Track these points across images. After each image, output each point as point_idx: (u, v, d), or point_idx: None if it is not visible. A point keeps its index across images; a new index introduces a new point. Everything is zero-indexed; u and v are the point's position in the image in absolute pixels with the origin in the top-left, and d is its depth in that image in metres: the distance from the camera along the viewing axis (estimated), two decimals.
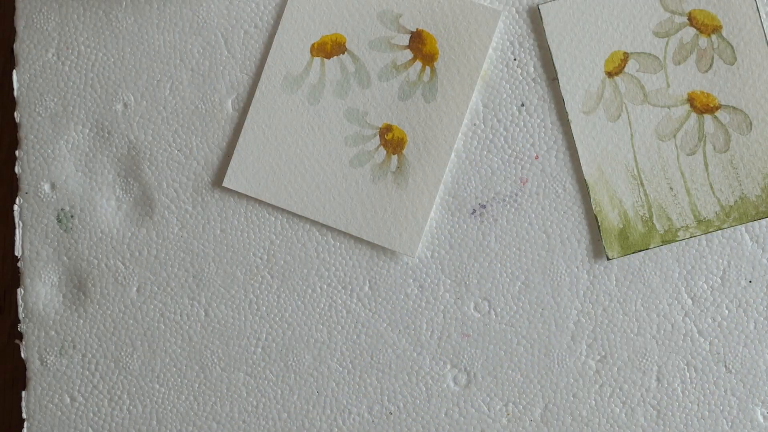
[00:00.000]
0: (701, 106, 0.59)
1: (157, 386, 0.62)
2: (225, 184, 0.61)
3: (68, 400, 0.62)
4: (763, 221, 0.60)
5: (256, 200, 0.61)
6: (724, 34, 0.59)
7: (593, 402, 0.61)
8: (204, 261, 0.61)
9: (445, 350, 0.61)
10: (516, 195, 0.60)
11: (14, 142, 0.69)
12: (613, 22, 0.59)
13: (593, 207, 0.60)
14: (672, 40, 0.59)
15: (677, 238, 0.59)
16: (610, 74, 0.59)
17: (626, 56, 0.59)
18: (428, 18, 0.60)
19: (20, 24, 0.62)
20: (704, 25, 0.59)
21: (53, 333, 0.62)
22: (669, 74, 0.59)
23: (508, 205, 0.60)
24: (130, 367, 0.62)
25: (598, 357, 0.60)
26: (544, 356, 0.61)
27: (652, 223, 0.59)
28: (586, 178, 0.60)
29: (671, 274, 0.60)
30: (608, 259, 0.60)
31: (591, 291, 0.60)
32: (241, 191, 0.61)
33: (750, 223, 0.60)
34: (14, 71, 0.62)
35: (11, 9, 0.68)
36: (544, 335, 0.61)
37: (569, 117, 0.60)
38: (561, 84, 0.59)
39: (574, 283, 0.60)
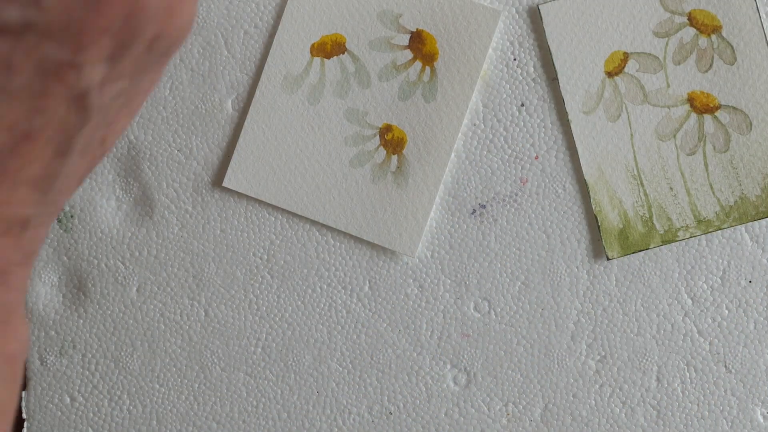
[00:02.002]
0: (701, 106, 0.59)
1: (157, 386, 0.62)
2: (225, 184, 0.61)
3: (68, 400, 0.62)
4: (763, 221, 0.60)
5: (256, 200, 0.61)
6: (724, 34, 0.59)
7: (593, 402, 0.61)
8: (204, 261, 0.61)
9: (445, 350, 0.61)
10: (516, 195, 0.60)
11: None
12: (613, 22, 0.59)
13: (593, 207, 0.60)
14: (672, 40, 0.59)
15: (677, 238, 0.59)
16: (610, 74, 0.59)
17: (626, 56, 0.59)
18: (428, 18, 0.60)
19: None
20: (704, 25, 0.59)
21: (53, 333, 0.62)
22: (669, 74, 0.59)
23: (508, 205, 0.60)
24: (130, 367, 0.62)
25: (598, 357, 0.60)
26: (544, 356, 0.61)
27: (652, 223, 0.59)
28: (586, 178, 0.60)
29: (671, 274, 0.60)
30: (608, 259, 0.60)
31: (591, 291, 0.60)
32: (241, 191, 0.61)
33: (750, 223, 0.60)
34: None
35: None
36: (544, 335, 0.61)
37: (569, 117, 0.60)
38: (561, 84, 0.59)
39: (574, 283, 0.60)
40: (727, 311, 0.60)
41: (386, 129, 0.60)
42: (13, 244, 0.40)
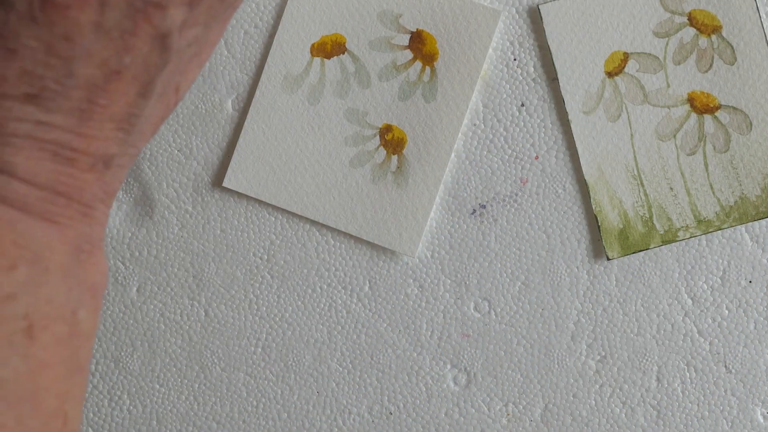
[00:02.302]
0: (701, 106, 0.59)
1: (157, 386, 0.62)
2: (225, 184, 0.61)
3: None
4: (763, 221, 0.60)
5: (256, 200, 0.61)
6: (724, 34, 0.59)
7: (593, 402, 0.61)
8: (204, 261, 0.61)
9: (445, 350, 0.61)
10: (516, 195, 0.60)
11: None
12: (613, 22, 0.59)
13: (593, 207, 0.60)
14: (672, 40, 0.59)
15: (677, 238, 0.59)
16: (610, 74, 0.59)
17: (626, 56, 0.59)
18: (428, 18, 0.60)
19: None
20: (704, 25, 0.59)
21: None
22: (669, 74, 0.59)
23: (508, 205, 0.60)
24: (130, 367, 0.62)
25: (598, 357, 0.60)
26: (544, 356, 0.61)
27: (652, 223, 0.59)
28: (586, 178, 0.60)
29: (671, 274, 0.60)
30: (608, 259, 0.60)
31: (591, 291, 0.60)
32: (241, 191, 0.61)
33: (750, 223, 0.60)
34: None
35: None
36: (544, 335, 0.61)
37: (569, 117, 0.60)
38: (561, 84, 0.59)
39: (574, 283, 0.60)
40: (727, 311, 0.60)
41: (386, 129, 0.60)
42: (96, 180, 0.43)
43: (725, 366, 0.60)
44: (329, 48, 0.60)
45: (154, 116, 0.45)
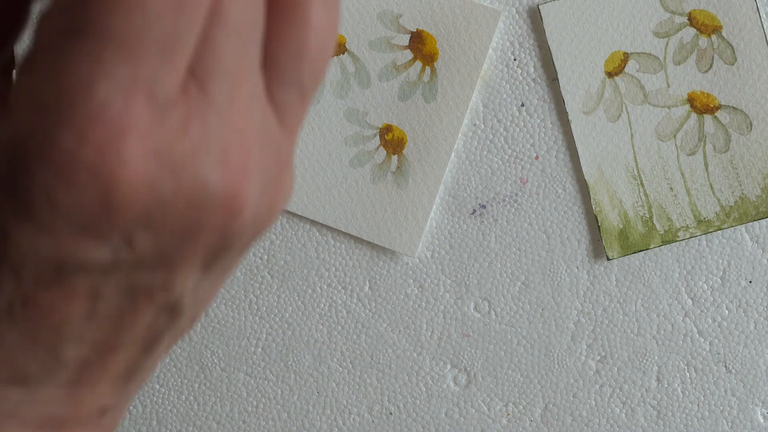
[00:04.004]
0: (701, 106, 0.59)
1: (157, 386, 0.62)
2: None
3: None
4: (763, 221, 0.60)
5: None
6: (724, 34, 0.59)
7: (593, 402, 0.61)
8: None
9: (445, 350, 0.61)
10: (516, 195, 0.60)
11: None
12: (613, 22, 0.59)
13: (593, 207, 0.60)
14: (672, 40, 0.59)
15: (677, 239, 0.59)
16: (610, 74, 0.59)
17: (626, 56, 0.59)
18: (428, 18, 0.60)
19: None
20: (704, 26, 0.59)
21: None
22: (669, 74, 0.59)
23: (508, 205, 0.60)
24: None
25: (598, 357, 0.60)
26: (544, 356, 0.61)
27: (652, 224, 0.59)
28: (586, 178, 0.60)
29: (671, 274, 0.60)
30: (608, 259, 0.60)
31: (591, 291, 0.60)
32: None
33: (750, 223, 0.60)
34: (14, 71, 0.62)
35: None
36: (544, 335, 0.61)
37: (569, 117, 0.60)
38: (561, 84, 0.59)
39: (574, 283, 0.60)
40: (727, 311, 0.60)
41: (386, 129, 0.60)
42: (90, 431, 0.40)
43: (725, 366, 0.60)
44: None
45: (160, 356, 0.40)
